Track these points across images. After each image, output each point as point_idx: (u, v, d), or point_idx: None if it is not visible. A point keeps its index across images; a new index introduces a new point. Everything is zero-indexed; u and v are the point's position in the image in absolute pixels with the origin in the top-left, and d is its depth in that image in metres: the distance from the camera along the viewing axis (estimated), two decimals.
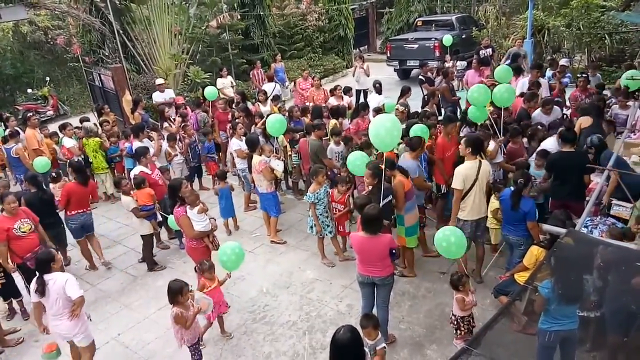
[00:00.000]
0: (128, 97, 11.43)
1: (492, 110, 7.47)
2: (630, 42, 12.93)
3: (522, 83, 9.11)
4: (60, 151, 9.19)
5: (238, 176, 8.51)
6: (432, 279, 6.06)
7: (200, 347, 4.90)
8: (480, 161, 5.50)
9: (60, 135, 9.49)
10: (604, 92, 8.70)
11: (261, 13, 16.01)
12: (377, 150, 6.84)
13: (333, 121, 8.58)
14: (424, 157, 6.74)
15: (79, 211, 6.74)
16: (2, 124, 10.86)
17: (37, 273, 4.63)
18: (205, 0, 14.97)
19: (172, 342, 4.83)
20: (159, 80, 11.47)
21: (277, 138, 7.70)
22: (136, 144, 8.00)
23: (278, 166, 7.31)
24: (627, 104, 7.72)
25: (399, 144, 6.35)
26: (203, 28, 15.01)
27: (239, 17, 15.42)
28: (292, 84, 14.28)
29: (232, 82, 12.86)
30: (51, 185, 7.60)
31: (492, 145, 6.61)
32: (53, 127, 11.30)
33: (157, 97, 10.99)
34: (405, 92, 9.29)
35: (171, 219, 6.13)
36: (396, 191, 5.58)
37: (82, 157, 8.94)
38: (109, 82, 11.72)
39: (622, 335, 3.46)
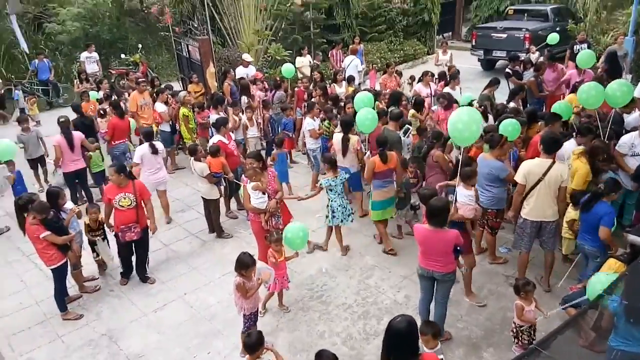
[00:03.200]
0: (212, 69, 11.83)
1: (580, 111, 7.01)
2: None
3: None
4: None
5: (308, 156, 8.60)
6: (498, 281, 5.89)
7: (260, 315, 5.10)
8: (554, 162, 5.22)
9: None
10: None
11: None
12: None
13: (412, 111, 8.25)
14: (513, 154, 6.45)
15: (121, 141, 8.60)
16: (97, 86, 11.68)
17: (146, 141, 7.31)
18: None
19: (233, 307, 5.04)
20: (246, 56, 11.73)
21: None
22: (213, 116, 8.30)
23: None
24: None
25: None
26: (288, 5, 15.12)
27: None
28: (369, 67, 14.13)
29: (310, 61, 12.93)
30: (98, 119, 9.25)
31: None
32: None
33: (240, 72, 11.27)
34: (492, 84, 8.83)
35: None
36: (367, 166, 6.34)
37: (171, 122, 9.41)
38: (196, 53, 12.16)
39: None
